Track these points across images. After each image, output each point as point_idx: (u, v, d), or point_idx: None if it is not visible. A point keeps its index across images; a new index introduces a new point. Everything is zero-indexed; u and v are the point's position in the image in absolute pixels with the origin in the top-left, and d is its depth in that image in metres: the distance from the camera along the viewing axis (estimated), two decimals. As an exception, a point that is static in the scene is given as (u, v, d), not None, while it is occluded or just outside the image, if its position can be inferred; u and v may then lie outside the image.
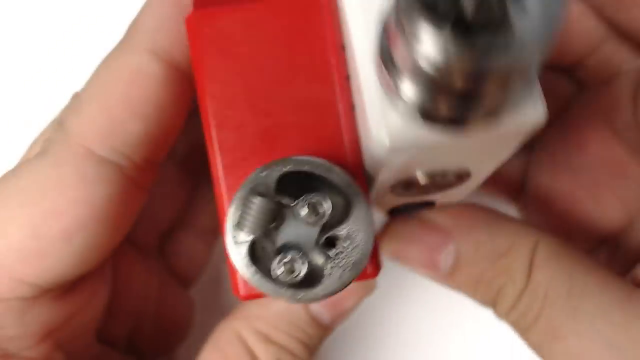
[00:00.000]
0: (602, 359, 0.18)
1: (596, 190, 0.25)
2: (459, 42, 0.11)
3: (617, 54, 0.24)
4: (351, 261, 0.15)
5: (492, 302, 0.20)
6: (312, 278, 0.16)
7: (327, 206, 0.14)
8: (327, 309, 0.22)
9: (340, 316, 0.23)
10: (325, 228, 0.16)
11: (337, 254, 0.15)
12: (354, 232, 0.15)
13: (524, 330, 0.20)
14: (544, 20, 0.11)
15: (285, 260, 0.14)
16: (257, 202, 0.14)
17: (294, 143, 0.18)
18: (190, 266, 0.28)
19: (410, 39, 0.12)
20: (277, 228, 0.16)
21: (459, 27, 0.11)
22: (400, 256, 0.23)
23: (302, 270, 0.14)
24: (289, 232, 0.16)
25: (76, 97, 0.20)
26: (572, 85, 0.26)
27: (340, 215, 0.16)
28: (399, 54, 0.13)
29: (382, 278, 0.29)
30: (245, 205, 0.14)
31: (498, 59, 0.11)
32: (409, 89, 0.13)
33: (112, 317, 0.24)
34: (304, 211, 0.14)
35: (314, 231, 0.16)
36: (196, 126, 0.25)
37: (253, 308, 0.22)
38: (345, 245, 0.15)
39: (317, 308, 0.22)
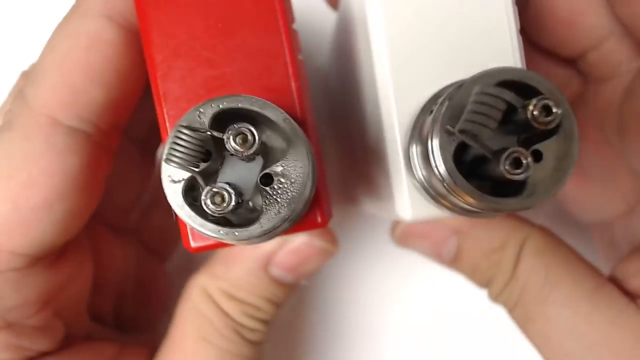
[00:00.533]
0: (564, 342, 0.21)
1: (586, 184, 0.26)
2: (487, 200, 0.14)
3: (617, 53, 0.24)
4: (288, 197, 0.15)
5: (485, 286, 0.23)
6: (255, 218, 0.15)
7: (255, 134, 0.14)
8: (288, 272, 0.22)
9: (303, 277, 0.23)
10: (265, 167, 0.16)
11: (273, 191, 0.15)
12: (291, 168, 0.15)
13: (509, 310, 0.22)
14: (557, 176, 0.14)
15: (215, 188, 0.14)
16: (186, 133, 0.14)
17: (240, 92, 0.18)
18: (164, 242, 0.29)
19: (449, 188, 0.15)
20: (216, 172, 0.16)
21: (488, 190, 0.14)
22: (411, 247, 0.25)
23: (232, 200, 0.14)
24: (229, 174, 0.16)
25: (31, 69, 0.20)
26: (580, 79, 0.27)
27: (281, 153, 0.16)
28: (434, 181, 0.16)
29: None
30: (176, 138, 0.14)
31: (507, 208, 0.14)
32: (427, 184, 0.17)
33: (98, 293, 0.24)
34: (232, 141, 0.14)
35: (254, 171, 0.16)
36: (153, 108, 0.26)
37: (217, 267, 0.22)
38: (282, 181, 0.15)
39: (278, 272, 0.22)
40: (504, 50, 0.18)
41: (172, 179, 0.15)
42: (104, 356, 0.23)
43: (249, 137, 0.14)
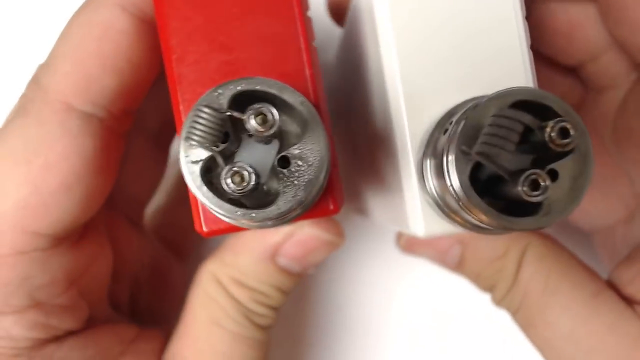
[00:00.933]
0: (564, 346, 0.21)
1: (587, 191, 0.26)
2: (503, 220, 0.14)
3: (615, 65, 0.25)
4: (305, 180, 0.15)
5: (488, 291, 0.24)
6: (269, 202, 0.16)
7: (274, 114, 0.14)
8: (295, 263, 0.22)
9: (310, 267, 0.23)
10: (281, 150, 0.16)
11: (290, 173, 0.15)
12: (308, 151, 0.15)
13: (512, 315, 0.23)
14: (572, 195, 0.15)
15: (235, 167, 0.14)
16: (206, 111, 0.14)
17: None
18: (183, 238, 0.30)
19: (464, 206, 0.15)
20: (233, 154, 0.16)
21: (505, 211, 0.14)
22: (416, 255, 0.25)
23: (252, 179, 0.14)
24: (245, 156, 0.16)
25: (48, 58, 0.21)
26: (582, 86, 0.27)
27: (296, 137, 0.16)
28: (448, 197, 0.16)
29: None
30: (195, 117, 0.14)
31: (523, 227, 0.15)
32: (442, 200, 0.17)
33: (115, 281, 0.25)
34: (253, 121, 0.14)
35: (271, 153, 0.16)
36: (167, 101, 0.26)
37: (226, 255, 0.23)
38: (299, 164, 0.15)
39: (285, 261, 0.22)
40: (515, 67, 0.18)
41: (191, 159, 0.15)
42: (124, 338, 0.23)
43: (269, 117, 0.14)
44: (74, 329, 0.22)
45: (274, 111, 0.14)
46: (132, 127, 0.23)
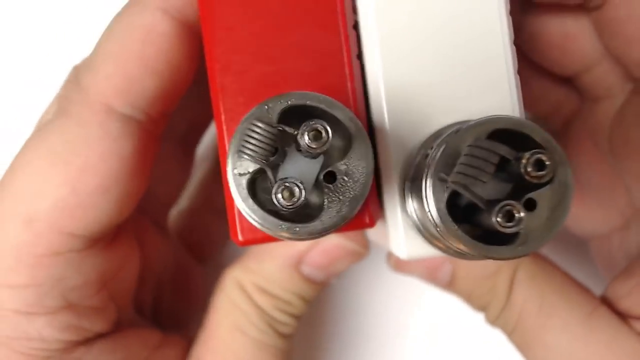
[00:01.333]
0: None
1: (583, 199, 0.27)
2: (479, 248, 0.14)
3: (609, 76, 0.25)
4: (350, 196, 0.15)
5: (482, 310, 0.24)
6: (310, 217, 0.16)
7: (329, 131, 0.14)
8: (319, 271, 0.23)
9: (333, 277, 0.23)
10: (325, 165, 0.16)
11: (336, 189, 0.15)
12: (354, 167, 0.15)
13: (507, 335, 0.23)
14: (549, 225, 0.15)
15: (286, 183, 0.14)
16: (260, 126, 0.14)
17: (297, 89, 0.18)
18: (205, 242, 0.30)
19: (444, 235, 0.15)
20: (277, 167, 0.16)
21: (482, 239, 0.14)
22: (407, 273, 0.25)
23: (302, 195, 0.14)
24: (289, 169, 0.16)
25: (84, 61, 0.21)
26: (578, 95, 0.27)
27: (340, 155, 0.16)
28: (428, 224, 0.16)
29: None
30: (248, 131, 0.14)
31: (499, 256, 0.15)
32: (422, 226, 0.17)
33: (140, 284, 0.25)
34: (306, 137, 0.14)
35: (315, 168, 0.16)
36: (194, 106, 0.26)
37: (251, 262, 0.23)
38: (345, 179, 0.15)
39: (308, 270, 0.23)
40: (502, 91, 0.18)
41: (238, 171, 0.15)
42: (149, 343, 0.23)
43: (324, 134, 0.14)
44: (103, 331, 0.22)
45: (328, 128, 0.14)
46: (165, 129, 0.23)
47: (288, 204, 0.14)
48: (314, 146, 0.14)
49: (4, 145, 0.27)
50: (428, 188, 0.15)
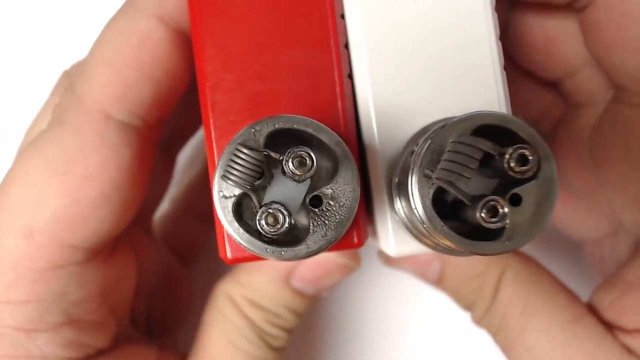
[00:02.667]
0: None
1: (573, 203, 0.27)
2: (465, 244, 0.14)
3: (592, 83, 0.24)
4: (336, 220, 0.15)
5: (468, 309, 0.24)
6: (298, 238, 0.16)
7: (313, 159, 0.14)
8: (309, 285, 0.23)
9: (324, 290, 0.23)
10: (312, 188, 0.16)
11: (322, 213, 0.15)
12: (340, 191, 0.15)
13: (492, 336, 0.23)
14: (536, 220, 0.15)
15: (270, 209, 0.14)
16: (245, 152, 0.14)
17: (288, 109, 0.18)
18: (190, 247, 0.29)
19: (432, 232, 0.15)
20: (264, 188, 0.16)
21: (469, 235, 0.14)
22: (397, 268, 0.26)
23: (286, 222, 0.14)
24: (276, 191, 0.16)
25: (75, 67, 0.20)
26: (563, 102, 0.27)
27: (329, 177, 0.16)
28: (415, 221, 0.16)
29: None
30: (233, 156, 0.14)
31: (485, 252, 0.14)
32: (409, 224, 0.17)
33: (135, 296, 0.24)
34: (291, 164, 0.14)
35: (301, 191, 0.16)
36: (178, 113, 0.26)
37: (242, 275, 0.23)
38: (331, 204, 0.15)
39: (299, 284, 0.23)
40: (488, 87, 0.18)
41: (224, 194, 0.15)
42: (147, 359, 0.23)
43: (308, 161, 0.14)
44: (104, 347, 0.21)
45: (313, 155, 0.14)
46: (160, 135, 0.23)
47: (272, 230, 0.14)
48: (298, 173, 0.14)
49: (3, 145, 0.28)
50: (414, 184, 0.15)
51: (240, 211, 0.16)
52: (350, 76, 0.19)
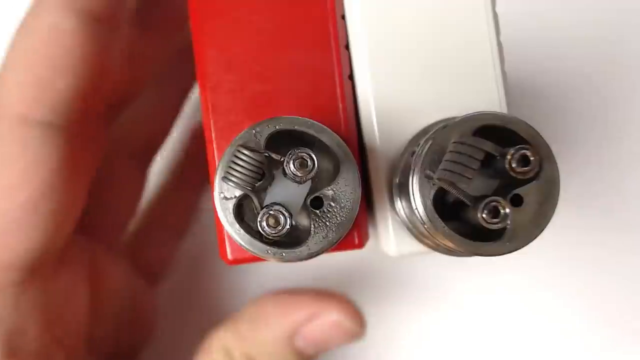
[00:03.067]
0: None
1: None
2: (466, 245, 0.14)
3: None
4: (337, 222, 0.15)
5: None
6: (299, 240, 0.16)
7: (315, 160, 0.14)
8: (312, 345, 0.22)
9: (324, 352, 0.22)
10: (313, 189, 0.16)
11: (323, 214, 0.15)
12: (342, 193, 0.15)
13: None
14: (537, 221, 0.15)
15: (271, 211, 0.14)
16: (245, 154, 0.14)
17: (289, 110, 0.18)
18: (157, 263, 0.28)
19: (433, 233, 0.15)
20: (265, 189, 0.16)
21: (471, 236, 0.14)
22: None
23: (287, 223, 0.14)
24: (277, 192, 0.16)
25: None
26: None
27: (330, 178, 0.16)
28: (416, 221, 0.16)
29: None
30: (234, 158, 0.14)
31: (487, 253, 0.15)
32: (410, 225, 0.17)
33: (94, 321, 0.23)
34: (292, 165, 0.14)
35: (303, 192, 0.16)
36: (151, 123, 0.25)
37: (244, 326, 0.22)
38: (332, 205, 0.15)
39: (303, 343, 0.22)
40: (488, 87, 0.18)
41: (225, 196, 0.15)
42: None
43: (309, 162, 0.14)
44: None
45: (314, 157, 0.14)
46: (104, 134, 0.21)
47: (273, 232, 0.14)
48: (299, 174, 0.14)
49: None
50: (415, 185, 0.15)
51: (241, 212, 0.16)
52: (351, 77, 0.19)
